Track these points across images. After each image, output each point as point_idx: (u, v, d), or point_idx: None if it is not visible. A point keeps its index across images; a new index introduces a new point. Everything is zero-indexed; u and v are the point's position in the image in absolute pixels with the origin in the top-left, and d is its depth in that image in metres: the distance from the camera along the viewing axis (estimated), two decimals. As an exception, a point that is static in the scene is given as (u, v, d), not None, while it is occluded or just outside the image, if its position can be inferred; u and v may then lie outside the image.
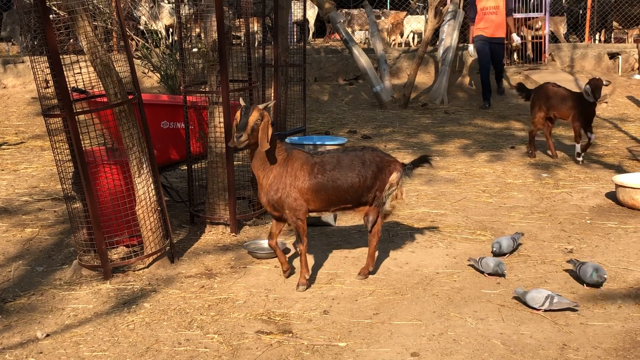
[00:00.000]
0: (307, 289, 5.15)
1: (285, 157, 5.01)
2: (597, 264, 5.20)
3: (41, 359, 4.22)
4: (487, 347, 4.33)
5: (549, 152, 9.45)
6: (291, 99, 10.23)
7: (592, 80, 8.69)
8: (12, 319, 4.74)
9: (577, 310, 4.76)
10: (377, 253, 5.55)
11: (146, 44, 12.44)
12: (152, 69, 12.84)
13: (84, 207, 5.42)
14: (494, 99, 13.88)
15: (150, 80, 13.53)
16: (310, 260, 5.77)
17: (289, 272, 5.38)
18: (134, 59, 12.59)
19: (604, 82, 8.75)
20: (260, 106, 4.90)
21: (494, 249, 5.78)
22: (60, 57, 5.11)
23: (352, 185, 5.10)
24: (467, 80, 15.13)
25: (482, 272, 5.46)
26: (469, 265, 5.64)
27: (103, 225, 5.40)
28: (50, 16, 5.16)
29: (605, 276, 5.13)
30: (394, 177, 5.19)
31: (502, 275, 5.37)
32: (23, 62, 13.51)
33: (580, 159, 9.06)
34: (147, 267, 5.57)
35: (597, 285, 5.13)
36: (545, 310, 4.73)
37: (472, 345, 4.36)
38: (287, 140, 9.29)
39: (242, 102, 5.03)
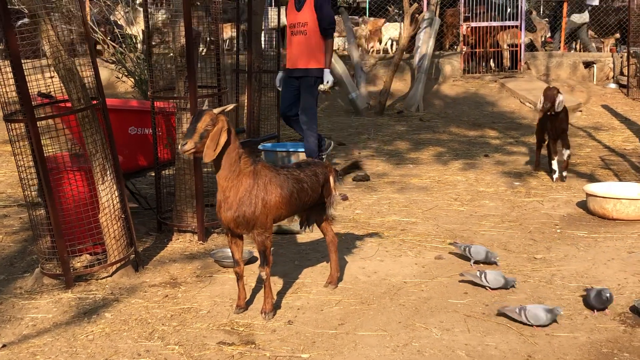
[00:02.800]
0: (274, 316, 4.80)
1: (253, 170, 4.61)
2: (601, 288, 4.96)
3: (-5, 370, 4.12)
4: (451, 359, 4.27)
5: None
6: (265, 105, 10.18)
7: (545, 90, 8.32)
8: (-31, 329, 4.63)
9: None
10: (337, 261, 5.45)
11: (120, 48, 12.31)
12: (126, 73, 12.72)
13: (47, 214, 5.32)
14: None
15: (124, 85, 13.41)
16: (278, 268, 5.70)
17: (243, 309, 4.93)
18: (108, 63, 12.47)
19: (559, 94, 8.24)
20: (216, 110, 4.44)
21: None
22: (24, 61, 5.02)
23: (311, 196, 5.00)
24: (443, 88, 15.15)
25: (469, 261, 5.74)
26: (453, 253, 5.98)
27: (66, 232, 5.29)
28: (23, 21, 5.07)
29: (608, 295, 4.88)
30: (331, 181, 5.17)
31: (495, 263, 5.72)
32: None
33: (556, 175, 8.54)
34: (111, 275, 5.47)
35: (605, 307, 4.90)
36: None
37: (436, 356, 4.31)
38: (260, 147, 9.25)
39: (205, 106, 4.78)
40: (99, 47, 13.25)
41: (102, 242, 5.53)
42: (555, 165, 8.57)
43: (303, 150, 9.25)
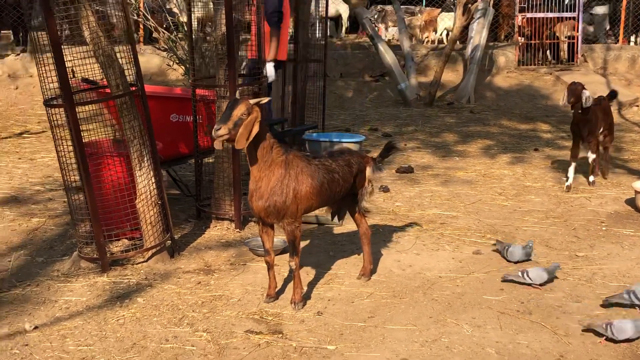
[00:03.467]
0: (303, 306, 4.79)
1: (285, 160, 4.58)
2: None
3: (25, 351, 4.18)
4: (480, 356, 4.18)
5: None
6: (312, 94, 10.15)
7: (569, 85, 7.48)
8: (4, 310, 4.71)
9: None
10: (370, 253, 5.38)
11: (171, 36, 12.41)
12: (177, 61, 12.83)
13: (85, 198, 5.38)
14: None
15: (175, 73, 13.51)
16: (312, 259, 5.67)
17: (274, 299, 4.93)
18: (160, 51, 12.56)
19: (584, 90, 7.34)
20: (252, 101, 4.47)
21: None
22: (64, 46, 5.08)
23: (343, 187, 4.92)
24: (495, 79, 14.89)
25: (507, 259, 5.66)
26: (494, 250, 5.83)
27: (103, 217, 5.36)
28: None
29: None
30: (368, 172, 5.09)
31: (529, 259, 5.64)
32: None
33: (567, 183, 7.81)
34: (146, 261, 5.52)
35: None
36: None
37: (465, 353, 4.22)
38: (304, 136, 9.21)
39: (237, 95, 4.85)
40: (155, 35, 13.39)
41: (138, 227, 5.57)
42: (571, 171, 7.80)
43: (348, 140, 9.21)
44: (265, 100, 4.56)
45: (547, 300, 4.95)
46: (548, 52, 15.72)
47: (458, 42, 14.02)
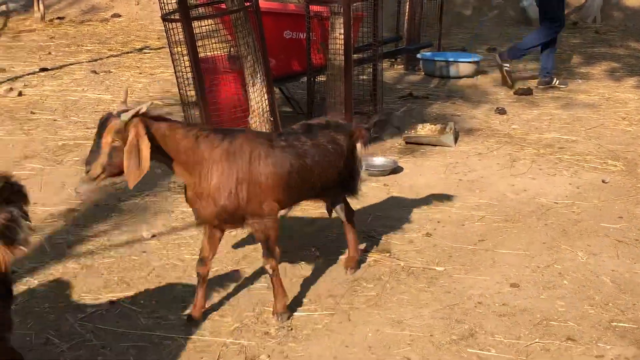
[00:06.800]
0: (289, 318, 3.73)
1: (224, 151, 3.50)
2: None
3: (143, 257, 4.36)
4: (594, 284, 4.05)
5: None
6: (429, 11, 9.88)
7: None
8: (124, 219, 4.93)
9: None
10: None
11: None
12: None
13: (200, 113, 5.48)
14: None
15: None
16: (422, 180, 5.61)
17: (198, 321, 3.71)
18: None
19: None
20: (125, 116, 3.26)
21: None
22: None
23: (327, 174, 3.88)
24: (626, -3, 13.99)
25: None
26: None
27: (217, 132, 5.44)
28: None
29: None
30: (359, 148, 4.08)
31: None
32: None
33: None
34: (258, 176, 5.59)
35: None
36: None
37: (578, 280, 4.10)
38: (418, 55, 9.01)
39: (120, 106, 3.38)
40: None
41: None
42: None
43: (464, 60, 8.95)
44: (143, 109, 3.31)
45: (670, 231, 4.71)
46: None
47: (587, -43, 13.19)
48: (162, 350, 3.43)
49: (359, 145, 4.05)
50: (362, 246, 4.47)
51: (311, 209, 5.06)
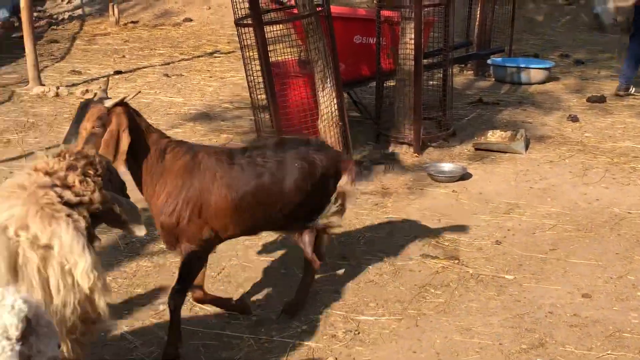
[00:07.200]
0: None
1: (187, 164, 3.34)
2: None
3: (213, 257, 4.42)
4: (670, 298, 3.95)
5: None
6: (500, 17, 9.76)
7: None
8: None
9: None
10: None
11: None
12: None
13: (270, 117, 5.55)
14: None
15: (359, -6, 13.48)
16: (492, 187, 5.55)
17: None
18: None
19: None
20: (107, 103, 3.24)
21: None
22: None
23: (293, 199, 3.48)
24: None
25: None
26: None
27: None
28: None
29: None
30: (343, 182, 3.64)
31: None
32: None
33: None
34: (326, 180, 5.63)
35: None
36: None
37: (654, 293, 4.00)
38: (488, 61, 8.91)
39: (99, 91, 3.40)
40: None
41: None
42: None
43: (536, 66, 8.82)
44: (130, 96, 3.40)
45: None
46: None
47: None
48: (232, 349, 3.48)
49: (344, 178, 3.63)
50: (425, 251, 4.45)
51: (379, 213, 5.07)
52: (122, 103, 3.26)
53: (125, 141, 3.21)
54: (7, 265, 2.25)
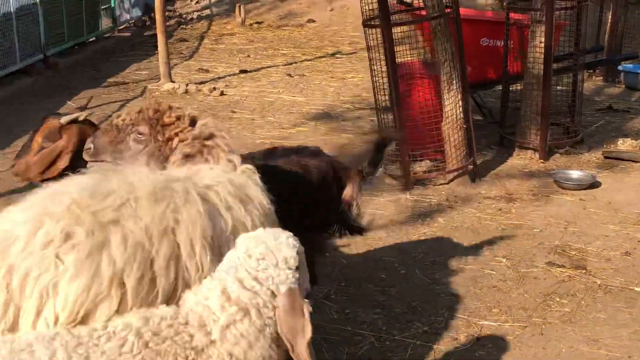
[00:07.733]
0: None
1: None
2: None
3: (334, 255, 4.48)
4: None
5: None
6: (633, 21, 9.41)
7: None
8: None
9: None
10: None
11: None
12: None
13: (394, 118, 5.55)
14: None
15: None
16: (622, 196, 5.35)
17: None
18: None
19: None
20: (63, 120, 3.16)
21: None
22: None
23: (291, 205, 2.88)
24: None
25: None
26: None
27: (409, 137, 5.49)
28: None
29: None
30: (348, 192, 3.33)
31: None
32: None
33: None
34: (447, 183, 5.59)
35: None
36: None
37: None
38: (619, 67, 8.60)
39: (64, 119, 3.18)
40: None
41: (442, 149, 5.64)
42: None
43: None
44: (82, 115, 3.18)
45: None
46: None
47: None
48: (353, 345, 3.51)
49: (349, 188, 3.30)
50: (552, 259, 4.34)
51: (502, 219, 4.99)
52: (77, 121, 3.16)
53: (62, 163, 3.10)
54: None
